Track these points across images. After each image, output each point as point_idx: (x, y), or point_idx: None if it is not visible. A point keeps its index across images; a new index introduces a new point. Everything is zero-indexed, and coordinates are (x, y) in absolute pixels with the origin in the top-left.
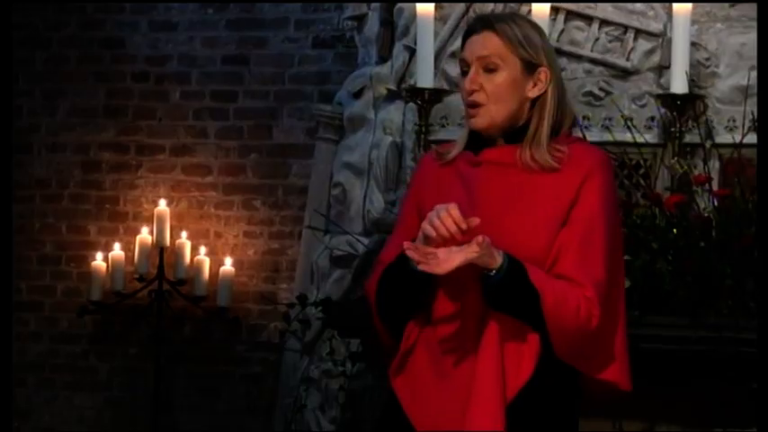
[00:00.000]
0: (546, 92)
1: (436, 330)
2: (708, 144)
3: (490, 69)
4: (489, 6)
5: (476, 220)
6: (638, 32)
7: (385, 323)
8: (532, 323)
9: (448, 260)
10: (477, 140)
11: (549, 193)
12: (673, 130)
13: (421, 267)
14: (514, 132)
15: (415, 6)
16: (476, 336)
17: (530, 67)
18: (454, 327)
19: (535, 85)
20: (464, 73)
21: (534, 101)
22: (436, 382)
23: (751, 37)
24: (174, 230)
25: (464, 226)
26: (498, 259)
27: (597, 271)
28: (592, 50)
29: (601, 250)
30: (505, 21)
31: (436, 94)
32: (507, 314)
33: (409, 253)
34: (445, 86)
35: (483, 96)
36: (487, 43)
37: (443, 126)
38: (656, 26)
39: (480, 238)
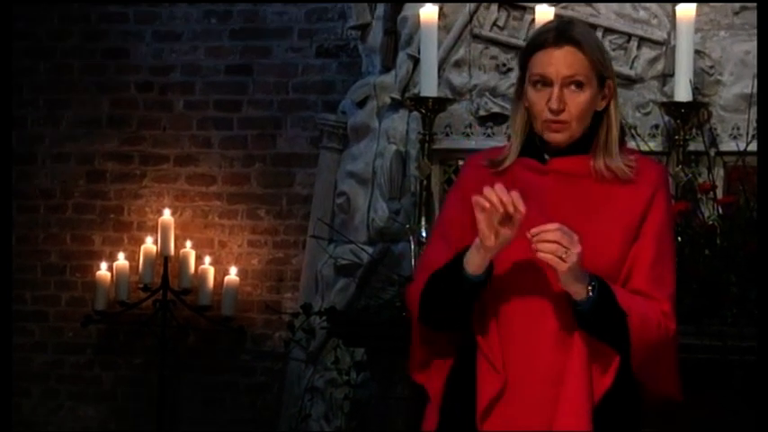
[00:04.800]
0: (610, 103)
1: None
2: (712, 152)
3: (574, 87)
4: (493, 15)
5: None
6: (642, 41)
7: (428, 326)
8: (616, 342)
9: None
10: (533, 148)
11: (622, 205)
12: (677, 138)
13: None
14: (577, 142)
15: (418, 15)
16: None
17: (602, 81)
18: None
19: (604, 97)
20: (535, 84)
21: (597, 112)
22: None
23: (755, 45)
24: (179, 240)
25: (510, 208)
26: (585, 290)
27: (669, 285)
28: None
29: (670, 264)
30: (583, 33)
31: (440, 103)
32: (593, 335)
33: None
34: (449, 95)
35: (568, 115)
36: (572, 60)
37: (447, 135)
38: (659, 34)
39: (578, 251)
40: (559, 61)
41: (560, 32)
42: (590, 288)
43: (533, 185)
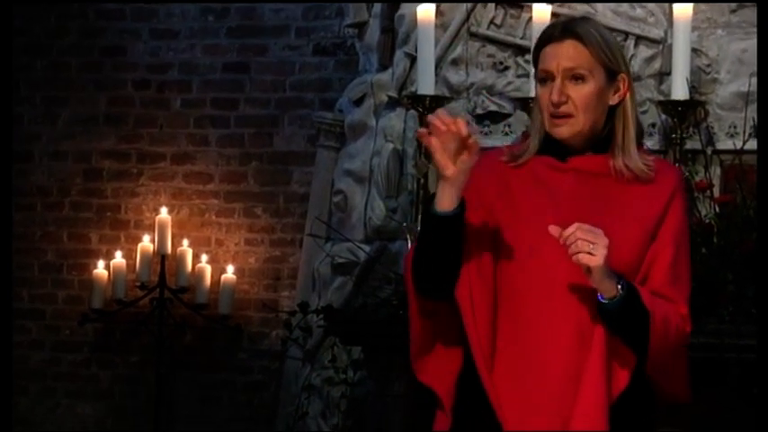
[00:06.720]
0: (625, 99)
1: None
2: (709, 150)
3: (576, 79)
4: (490, 13)
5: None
6: (639, 39)
7: (420, 289)
8: (635, 342)
9: (571, 235)
10: (553, 146)
11: (641, 205)
12: (674, 136)
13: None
14: (598, 141)
15: (415, 13)
16: (577, 337)
17: (612, 75)
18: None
19: (616, 92)
20: (542, 81)
21: (612, 108)
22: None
23: (752, 43)
24: (176, 238)
25: (458, 129)
26: (615, 287)
27: (686, 288)
28: None
29: (687, 267)
30: (587, 27)
31: (437, 101)
32: (616, 333)
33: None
34: (446, 93)
35: (571, 107)
36: (573, 53)
37: None
38: (656, 33)
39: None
40: (560, 54)
41: (564, 27)
42: (619, 286)
43: (553, 183)
